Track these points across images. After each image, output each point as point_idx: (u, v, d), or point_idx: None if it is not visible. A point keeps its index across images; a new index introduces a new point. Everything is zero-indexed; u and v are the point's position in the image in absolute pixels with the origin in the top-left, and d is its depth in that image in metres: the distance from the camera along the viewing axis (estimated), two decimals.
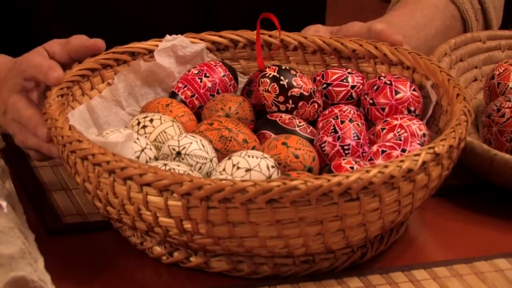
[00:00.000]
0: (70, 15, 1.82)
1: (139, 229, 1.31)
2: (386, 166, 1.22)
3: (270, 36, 1.57)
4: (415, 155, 1.25)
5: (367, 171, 1.21)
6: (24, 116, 1.49)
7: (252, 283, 1.31)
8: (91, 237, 1.40)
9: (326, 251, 1.29)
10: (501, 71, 1.61)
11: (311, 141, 1.40)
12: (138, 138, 1.36)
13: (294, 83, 1.45)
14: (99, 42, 1.51)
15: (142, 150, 1.35)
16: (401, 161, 1.24)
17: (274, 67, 1.47)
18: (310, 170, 1.35)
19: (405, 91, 1.46)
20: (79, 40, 1.49)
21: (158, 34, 1.55)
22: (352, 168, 1.32)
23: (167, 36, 1.52)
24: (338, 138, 1.40)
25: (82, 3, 1.73)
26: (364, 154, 1.41)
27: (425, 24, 1.77)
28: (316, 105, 1.46)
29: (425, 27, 1.77)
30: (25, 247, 1.23)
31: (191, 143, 1.34)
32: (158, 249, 1.32)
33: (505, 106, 1.51)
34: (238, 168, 1.30)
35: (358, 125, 1.42)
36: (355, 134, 1.41)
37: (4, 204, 1.30)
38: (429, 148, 1.26)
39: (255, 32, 1.56)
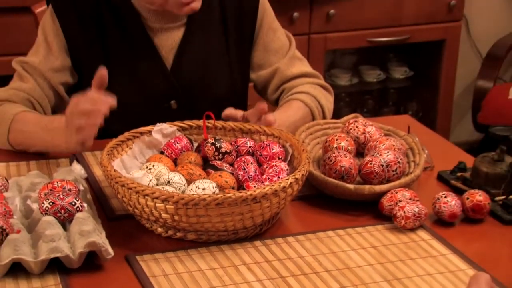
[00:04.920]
0: None
1: (150, 220, 1.56)
2: (272, 185, 1.50)
3: (208, 123, 1.78)
4: (286, 179, 1.53)
5: (264, 188, 1.49)
6: (92, 93, 1.61)
7: (206, 245, 1.55)
8: (127, 222, 1.63)
9: (243, 227, 1.56)
10: (329, 139, 1.83)
11: (232, 174, 1.65)
12: (147, 175, 1.61)
13: (222, 146, 1.70)
14: (102, 70, 1.64)
15: (150, 181, 1.59)
16: (279, 183, 1.51)
17: (212, 137, 1.73)
18: (233, 188, 1.61)
19: (276, 148, 1.72)
20: (95, 80, 1.63)
21: (150, 122, 1.77)
22: (254, 186, 1.57)
23: (158, 124, 1.75)
24: (246, 172, 1.66)
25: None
26: (258, 180, 1.65)
27: (294, 115, 1.97)
28: (233, 157, 1.71)
29: (294, 117, 1.96)
30: (96, 227, 1.52)
31: (174, 176, 1.60)
32: (159, 229, 1.57)
33: (332, 155, 1.73)
34: (198, 188, 1.56)
35: (254, 165, 1.68)
36: (254, 170, 1.67)
37: (85, 205, 1.57)
38: (292, 176, 1.54)
39: (201, 121, 1.78)
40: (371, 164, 1.73)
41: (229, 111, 1.82)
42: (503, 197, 1.73)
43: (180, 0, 1.88)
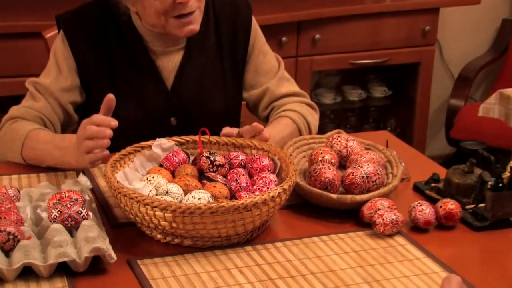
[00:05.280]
0: None
1: (150, 227, 1.55)
2: (262, 195, 1.50)
3: (203, 138, 1.78)
4: (274, 190, 1.53)
5: (254, 198, 1.50)
6: (96, 116, 1.64)
7: (201, 250, 1.55)
8: (129, 229, 1.62)
9: (236, 234, 1.55)
10: (314, 152, 1.82)
11: (225, 185, 1.64)
12: (147, 186, 1.61)
13: (216, 159, 1.70)
14: (110, 96, 1.67)
15: (150, 191, 1.58)
16: (269, 193, 1.52)
17: (207, 151, 1.73)
18: (226, 198, 1.60)
19: (266, 161, 1.72)
20: (103, 103, 1.66)
21: (152, 137, 1.77)
22: (246, 196, 1.57)
23: (157, 139, 1.74)
24: (238, 183, 1.65)
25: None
26: (250, 190, 1.64)
27: (283, 131, 1.97)
28: (226, 169, 1.71)
29: (283, 133, 1.97)
30: (100, 233, 1.52)
31: (172, 187, 1.59)
32: (158, 236, 1.57)
33: (317, 168, 1.72)
34: (194, 198, 1.55)
35: (245, 177, 1.68)
36: (245, 181, 1.66)
37: (91, 214, 1.56)
38: (280, 187, 1.54)
39: (197, 136, 1.78)
40: (352, 175, 1.73)
41: (226, 130, 1.82)
42: (473, 206, 1.73)
43: (180, 20, 1.88)
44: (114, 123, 1.63)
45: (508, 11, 4.10)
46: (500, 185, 1.66)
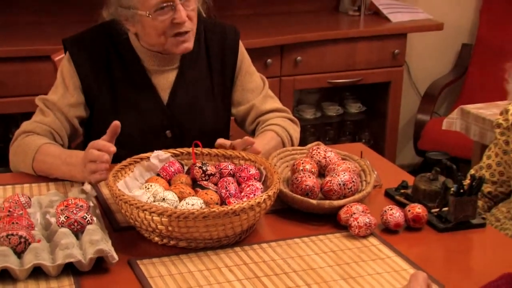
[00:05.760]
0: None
1: (148, 230, 1.54)
2: (249, 201, 1.51)
3: (196, 150, 1.77)
4: (260, 196, 1.53)
5: (242, 203, 1.50)
6: (98, 142, 1.66)
7: (194, 251, 1.54)
8: (129, 232, 1.61)
9: (226, 236, 1.54)
10: (296, 163, 1.82)
11: (216, 192, 1.63)
12: (146, 193, 1.60)
13: (208, 169, 1.70)
14: (116, 123, 1.68)
15: (148, 198, 1.57)
16: (255, 199, 1.52)
17: (199, 162, 1.72)
18: (217, 203, 1.60)
19: (253, 170, 1.71)
20: (109, 129, 1.69)
21: (149, 149, 1.76)
22: (234, 202, 1.56)
23: (155, 151, 1.74)
24: (227, 190, 1.64)
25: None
26: (238, 197, 1.63)
27: (268, 144, 1.97)
28: (217, 178, 1.70)
29: (268, 145, 1.96)
30: (103, 236, 1.52)
31: (168, 194, 1.59)
32: (156, 238, 1.56)
33: (298, 176, 1.72)
34: (188, 204, 1.55)
35: (234, 185, 1.66)
36: (234, 189, 1.65)
37: (95, 219, 1.55)
38: (266, 193, 1.54)
39: (191, 148, 1.77)
40: (330, 183, 1.73)
41: (221, 141, 1.82)
42: (437, 210, 1.74)
43: (177, 39, 1.90)
44: (113, 149, 1.65)
45: (467, 37, 4.14)
46: (462, 191, 1.68)
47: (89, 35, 2.00)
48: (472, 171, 2.08)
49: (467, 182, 1.74)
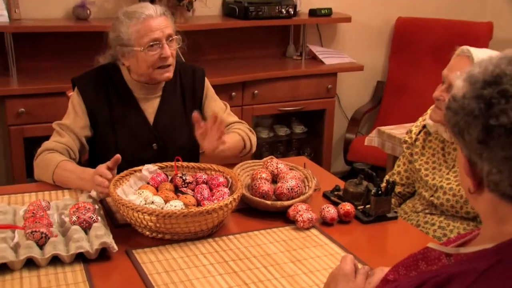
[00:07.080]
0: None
1: (140, 226, 1.50)
2: (219, 203, 1.48)
3: (178, 164, 1.74)
4: (227, 199, 1.51)
5: (213, 205, 1.48)
6: (101, 169, 1.63)
7: (177, 242, 1.50)
8: (126, 228, 1.56)
9: (201, 230, 1.52)
10: (255, 172, 1.78)
11: (193, 196, 1.60)
12: (139, 198, 1.57)
13: (187, 178, 1.67)
14: (117, 156, 1.65)
15: (140, 201, 1.54)
16: (224, 201, 1.49)
17: (180, 173, 1.69)
18: (194, 205, 1.57)
19: (221, 179, 1.67)
20: (112, 160, 1.63)
21: (141, 159, 1.73)
22: (207, 204, 1.54)
23: (145, 165, 1.70)
24: (202, 195, 1.62)
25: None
26: (210, 200, 1.60)
27: (232, 139, 1.88)
28: (194, 185, 1.66)
29: (233, 139, 1.88)
30: (106, 232, 1.48)
31: (156, 198, 1.56)
32: (147, 233, 1.52)
33: (257, 183, 1.68)
34: (172, 206, 1.53)
35: (207, 191, 1.64)
36: (207, 193, 1.63)
37: (99, 218, 1.51)
38: (231, 197, 1.52)
39: (173, 163, 1.73)
40: (281, 188, 1.70)
41: (196, 116, 1.76)
42: (362, 207, 1.73)
43: (161, 70, 1.88)
44: (110, 176, 1.61)
45: (380, 76, 4.21)
46: (380, 192, 1.67)
47: (91, 74, 1.98)
48: (387, 177, 2.06)
49: (383, 185, 1.72)
